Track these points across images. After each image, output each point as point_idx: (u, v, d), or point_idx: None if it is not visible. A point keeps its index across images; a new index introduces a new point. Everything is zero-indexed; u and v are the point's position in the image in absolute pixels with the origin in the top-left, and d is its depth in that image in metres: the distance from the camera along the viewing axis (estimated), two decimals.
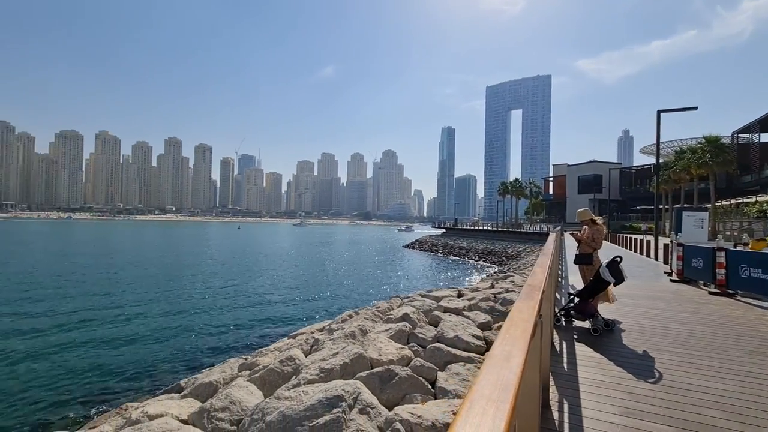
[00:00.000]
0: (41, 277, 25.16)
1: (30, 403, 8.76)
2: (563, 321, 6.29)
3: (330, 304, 20.02)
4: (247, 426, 4.26)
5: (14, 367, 10.64)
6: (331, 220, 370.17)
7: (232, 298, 20.43)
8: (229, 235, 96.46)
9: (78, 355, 11.75)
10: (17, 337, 13.10)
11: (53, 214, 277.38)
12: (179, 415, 5.01)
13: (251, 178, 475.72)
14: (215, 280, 26.03)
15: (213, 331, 14.65)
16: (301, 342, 8.17)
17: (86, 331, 14.01)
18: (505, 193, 76.27)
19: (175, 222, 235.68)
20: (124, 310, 17.36)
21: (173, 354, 12.18)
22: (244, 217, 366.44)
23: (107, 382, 10.02)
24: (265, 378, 6.00)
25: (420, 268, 37.06)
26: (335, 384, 4.60)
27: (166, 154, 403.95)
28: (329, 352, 6.36)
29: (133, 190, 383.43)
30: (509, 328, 1.34)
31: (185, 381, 8.80)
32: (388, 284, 26.47)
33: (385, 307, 10.35)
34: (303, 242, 72.92)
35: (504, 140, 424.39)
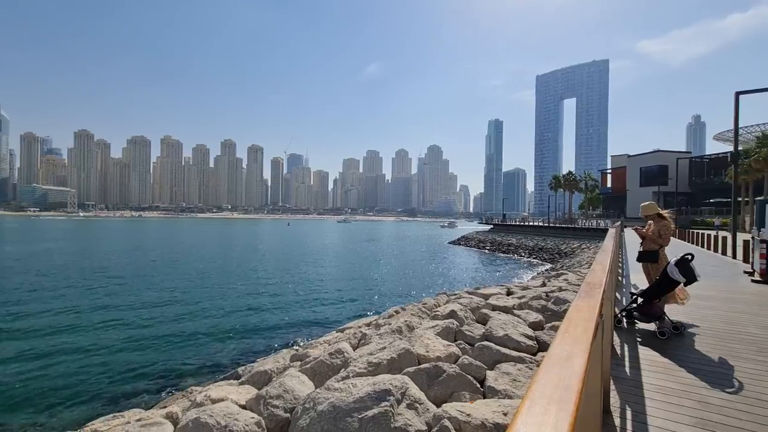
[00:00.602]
0: (119, 270, 27.91)
1: (110, 382, 9.76)
2: (624, 322, 5.88)
3: (376, 299, 20.26)
4: (299, 414, 4.43)
5: (99, 349, 11.90)
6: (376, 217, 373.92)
7: (283, 292, 21.34)
8: (279, 231, 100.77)
9: (150, 341, 12.89)
10: (100, 321, 14.64)
11: (126, 213, 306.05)
12: (238, 400, 5.32)
13: (299, 176, 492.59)
14: (268, 275, 27.34)
15: (266, 322, 15.41)
16: (349, 336, 8.35)
17: (156, 320, 15.33)
18: (558, 187, 72.52)
19: (231, 219, 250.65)
20: (189, 301, 18.77)
21: (231, 343, 12.98)
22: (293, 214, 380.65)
23: (175, 367, 10.90)
24: (315, 369, 6.21)
25: (466, 264, 36.39)
26: (383, 378, 4.65)
27: (222, 156, 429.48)
28: (376, 346, 6.44)
29: (194, 189, 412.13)
30: (568, 327, 1.27)
31: (242, 369, 9.36)
32: (434, 281, 26.27)
33: (431, 304, 10.29)
34: (349, 238, 74.40)
35: (556, 131, 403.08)
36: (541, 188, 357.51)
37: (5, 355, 11.18)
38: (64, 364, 10.69)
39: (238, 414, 4.58)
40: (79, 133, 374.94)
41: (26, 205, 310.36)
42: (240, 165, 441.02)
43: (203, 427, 4.36)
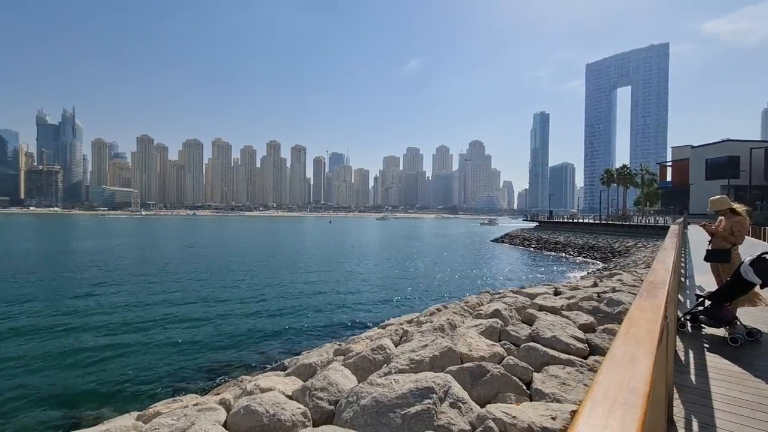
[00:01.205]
0: (178, 266, 30.01)
1: (171, 369, 10.51)
2: (689, 327, 5.42)
3: (416, 297, 20.20)
4: (343, 407, 4.52)
5: (160, 338, 12.87)
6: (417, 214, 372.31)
7: (326, 288, 21.86)
8: (321, 228, 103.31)
9: (204, 332, 13.74)
10: (162, 314, 15.80)
11: (182, 212, 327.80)
12: (285, 390, 5.53)
13: (340, 174, 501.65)
14: (311, 271, 28.13)
15: (310, 317, 15.87)
16: (391, 332, 8.39)
17: (210, 313, 16.30)
18: (610, 182, 68.27)
19: (276, 217, 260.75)
20: (239, 296, 19.76)
21: (277, 336, 13.52)
22: (334, 212, 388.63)
23: (226, 357, 11.54)
24: (358, 364, 6.30)
25: (510, 262, 35.30)
26: (425, 375, 4.62)
27: (267, 156, 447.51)
28: (418, 344, 6.41)
29: (242, 189, 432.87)
30: (630, 328, 1.18)
31: (288, 361, 9.71)
32: (476, 279, 25.73)
33: (474, 302, 10.09)
34: (388, 236, 74.73)
35: (608, 123, 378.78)
36: (591, 183, 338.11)
37: (84, 341, 12.39)
38: (131, 351, 11.67)
39: (285, 404, 4.75)
40: (140, 137, 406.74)
41: (97, 204, 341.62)
42: (284, 165, 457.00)
43: (253, 414, 4.57)
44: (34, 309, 16.01)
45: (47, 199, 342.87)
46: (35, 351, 11.44)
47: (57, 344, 12.02)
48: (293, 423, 4.51)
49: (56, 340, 12.38)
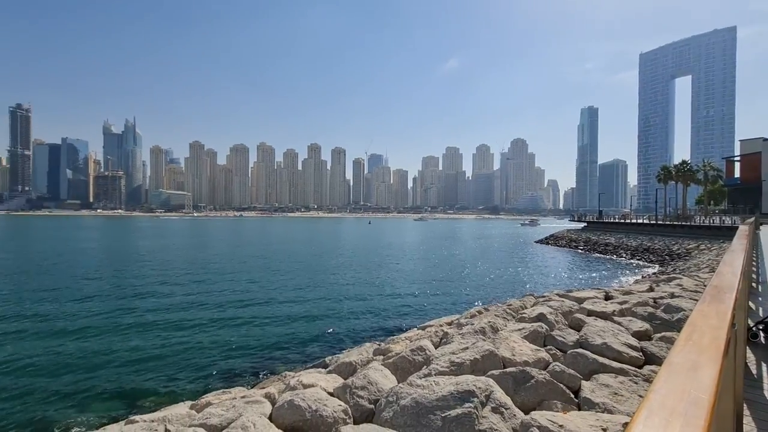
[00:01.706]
0: (227, 264, 31.65)
1: (221, 362, 11.10)
2: (762, 337, 4.93)
3: (456, 298, 19.90)
4: (383, 406, 4.54)
5: (212, 332, 13.62)
6: (456, 215, 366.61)
7: (365, 288, 22.10)
8: (361, 229, 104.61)
9: (250, 329, 14.37)
10: (214, 310, 16.73)
11: (230, 213, 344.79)
12: (326, 387, 5.65)
13: (379, 175, 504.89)
14: (351, 270, 28.56)
15: (350, 316, 16.12)
16: (431, 334, 8.32)
17: (255, 311, 17.03)
18: (668, 179, 63.44)
19: (317, 218, 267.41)
20: (282, 294, 20.48)
21: (319, 334, 13.85)
22: (373, 212, 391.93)
23: (271, 353, 11.99)
24: (397, 364, 6.31)
25: (556, 265, 33.81)
26: (466, 379, 4.54)
27: (308, 159, 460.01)
28: (459, 346, 6.32)
29: (285, 190, 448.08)
30: (691, 335, 1.09)
31: (329, 359, 9.91)
32: (519, 281, 24.91)
33: (517, 306, 9.77)
34: (428, 236, 74.20)
35: (665, 116, 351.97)
36: (646, 181, 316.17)
37: (144, 336, 13.40)
38: (185, 346, 12.45)
39: (326, 400, 4.86)
40: (193, 144, 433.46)
41: (155, 207, 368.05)
42: (325, 167, 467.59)
43: (297, 408, 4.72)
44: (99, 306, 17.51)
45: (112, 202, 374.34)
46: (100, 344, 12.53)
47: (119, 339, 13.09)
48: (334, 419, 4.60)
49: (118, 335, 13.47)
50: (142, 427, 5.03)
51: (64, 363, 10.79)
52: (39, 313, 15.70)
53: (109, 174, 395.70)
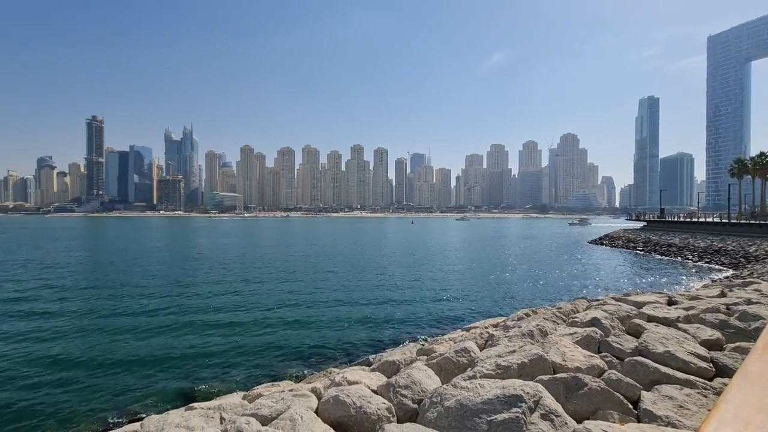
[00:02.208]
0: (274, 262, 33.02)
1: (270, 356, 11.61)
2: None
3: (501, 300, 19.33)
4: (427, 407, 4.52)
5: (258, 330, 14.29)
6: (502, 214, 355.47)
7: (409, 287, 22.08)
8: (404, 229, 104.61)
9: (297, 325, 14.89)
10: (260, 307, 17.53)
11: (277, 213, 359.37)
12: (370, 385, 5.71)
13: (422, 175, 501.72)
14: (395, 270, 28.67)
15: (393, 315, 16.19)
16: (475, 336, 8.15)
17: (302, 308, 17.61)
18: (742, 173, 57.40)
19: (360, 218, 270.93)
20: (327, 292, 21.00)
21: (362, 332, 14.05)
22: (416, 212, 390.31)
23: (316, 349, 12.34)
24: (441, 365, 6.24)
25: (611, 267, 31.76)
26: (513, 383, 4.40)
27: (351, 160, 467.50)
28: (505, 349, 6.13)
29: (329, 191, 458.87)
30: None
31: (373, 357, 10.03)
32: (570, 284, 23.70)
33: (568, 309, 9.30)
34: (472, 236, 72.66)
35: (739, 103, 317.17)
36: (716, 176, 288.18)
37: (200, 330, 14.34)
38: (238, 341, 13.16)
39: (370, 398, 4.92)
40: (243, 148, 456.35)
41: (209, 208, 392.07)
42: (367, 167, 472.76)
43: (342, 404, 4.82)
44: (161, 303, 18.95)
45: (172, 204, 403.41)
46: (162, 338, 13.56)
47: (179, 333, 14.10)
48: (378, 417, 4.64)
49: (178, 330, 14.50)
50: (200, 414, 5.37)
51: (133, 354, 11.82)
52: (110, 308, 17.33)
53: (169, 178, 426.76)
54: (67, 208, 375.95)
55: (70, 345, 12.31)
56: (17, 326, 14.23)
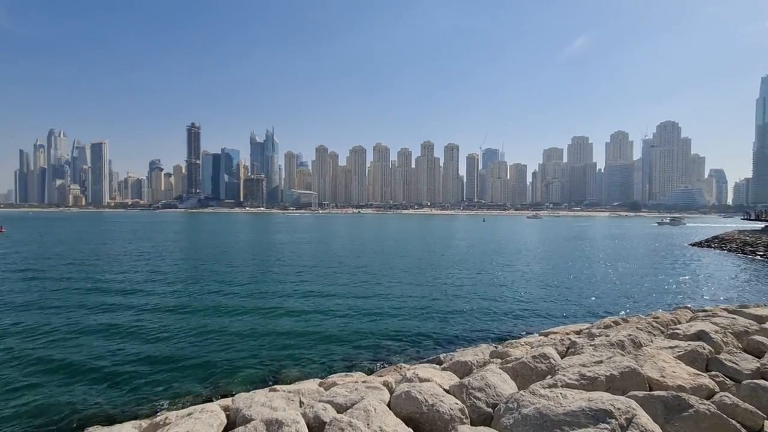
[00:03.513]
0: (349, 258, 34.33)
1: (345, 347, 12.11)
2: None
3: (584, 305, 17.83)
4: (502, 412, 4.34)
5: (332, 322, 14.95)
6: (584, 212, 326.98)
7: (481, 286, 21.42)
8: (475, 226, 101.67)
9: (368, 319, 15.30)
10: (334, 300, 18.34)
11: (349, 210, 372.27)
12: (442, 384, 5.66)
13: (495, 171, 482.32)
14: (467, 268, 28.01)
15: (464, 314, 15.83)
16: (555, 342, 7.62)
17: (373, 302, 18.05)
18: None
19: (429, 215, 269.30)
20: (400, 288, 21.26)
21: (432, 329, 13.96)
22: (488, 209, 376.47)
23: (386, 343, 12.56)
24: (517, 370, 5.96)
25: (720, 273, 27.52)
26: (601, 396, 4.03)
27: (421, 157, 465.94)
28: (590, 358, 5.65)
29: (399, 188, 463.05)
30: None
31: (444, 356, 9.91)
32: (668, 291, 21.06)
33: (666, 319, 8.26)
34: (549, 235, 68.02)
35: None
36: None
37: (283, 318, 15.43)
38: (315, 331, 13.94)
39: (443, 396, 4.87)
40: (318, 147, 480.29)
41: (288, 205, 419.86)
42: (437, 164, 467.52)
43: (413, 400, 4.84)
44: (248, 291, 20.71)
45: (256, 201, 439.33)
46: (248, 324, 14.85)
47: (262, 320, 15.32)
48: (451, 417, 4.57)
49: (261, 318, 15.74)
50: (282, 396, 5.78)
51: (223, 337, 13.14)
52: (205, 294, 19.44)
53: (254, 177, 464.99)
54: (171, 205, 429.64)
55: (169, 326, 14.09)
56: (133, 307, 16.68)
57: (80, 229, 76.15)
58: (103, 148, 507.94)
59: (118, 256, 33.97)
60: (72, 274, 23.96)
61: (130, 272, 25.06)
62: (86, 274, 23.98)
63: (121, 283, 21.14)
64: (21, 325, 13.77)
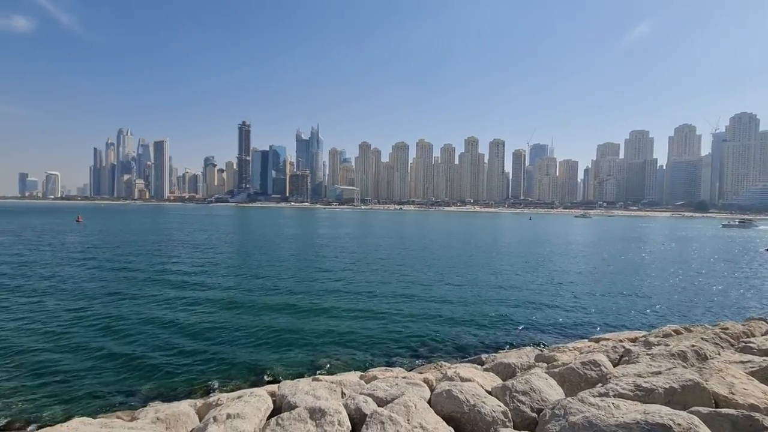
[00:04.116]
0: (391, 254, 34.55)
1: (386, 342, 12.23)
2: None
3: (640, 311, 16.66)
4: (548, 418, 4.18)
5: (370, 317, 15.14)
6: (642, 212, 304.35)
7: (525, 287, 20.69)
8: (520, 225, 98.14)
9: (407, 315, 15.32)
10: (373, 297, 18.54)
11: (391, 206, 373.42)
12: (484, 384, 5.55)
13: (543, 167, 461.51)
14: (511, 268, 27.17)
15: (508, 315, 15.38)
16: (607, 349, 7.20)
17: (413, 299, 18.03)
18: None
19: (472, 212, 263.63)
20: (436, 287, 21.08)
21: (474, 329, 13.71)
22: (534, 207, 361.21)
23: (426, 340, 12.52)
24: (564, 375, 5.71)
25: None
26: (659, 410, 3.76)
27: (465, 153, 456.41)
28: (646, 368, 5.28)
29: (441, 185, 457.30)
30: None
31: (486, 357, 9.71)
32: (738, 300, 19.15)
33: (738, 331, 7.52)
34: (602, 236, 64.03)
35: None
36: None
37: (325, 313, 15.88)
38: (353, 323, 14.20)
39: (485, 398, 4.77)
40: (361, 144, 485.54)
41: (331, 200, 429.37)
42: (482, 160, 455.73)
43: (455, 399, 4.79)
44: (291, 284, 21.45)
45: (301, 196, 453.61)
46: (291, 313, 15.40)
47: (308, 314, 15.82)
48: (493, 419, 4.48)
49: (306, 311, 16.26)
50: (325, 386, 5.95)
51: (269, 326, 13.75)
52: (252, 286, 20.41)
53: (299, 173, 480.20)
54: (223, 199, 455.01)
55: (220, 316, 14.97)
56: (189, 296, 17.90)
57: (144, 221, 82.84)
58: (164, 146, 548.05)
59: (177, 247, 36.57)
60: (136, 264, 26.18)
61: (187, 263, 26.90)
62: (148, 264, 26.09)
63: (178, 274, 22.74)
64: (91, 309, 15.28)
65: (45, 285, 19.08)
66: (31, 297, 16.77)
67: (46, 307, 15.14)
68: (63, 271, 22.61)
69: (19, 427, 7.39)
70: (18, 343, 11.47)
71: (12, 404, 8.14)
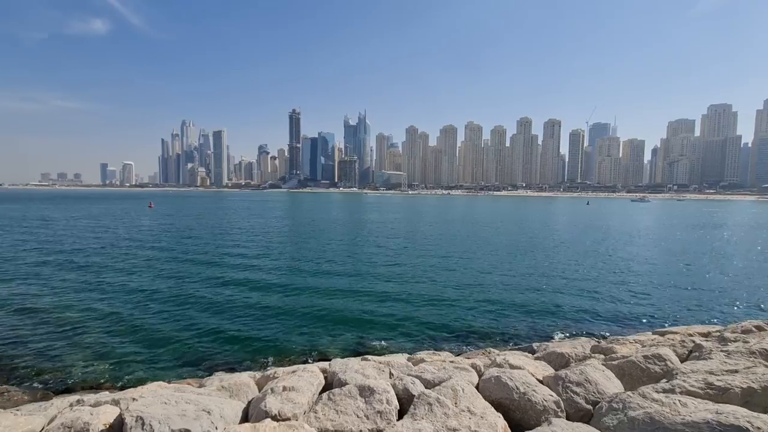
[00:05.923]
0: (441, 239, 34.37)
1: (434, 326, 12.31)
2: None
3: (711, 303, 15.24)
4: (605, 411, 4.00)
5: (418, 301, 15.22)
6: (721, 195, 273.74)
7: (582, 275, 19.69)
8: (577, 210, 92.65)
9: (453, 301, 15.22)
10: (421, 282, 18.59)
11: (438, 191, 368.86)
12: (534, 373, 5.41)
13: (604, 148, 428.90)
14: (568, 255, 25.93)
15: (562, 303, 14.77)
16: (674, 343, 6.69)
17: (460, 285, 17.85)
18: None
19: (524, 197, 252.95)
20: (487, 275, 20.67)
21: (526, 316, 13.35)
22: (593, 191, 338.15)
23: (475, 326, 12.40)
24: (623, 368, 5.41)
25: None
26: (734, 411, 3.45)
27: (517, 134, 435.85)
28: (721, 365, 4.84)
29: (491, 169, 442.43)
30: None
31: (537, 345, 9.44)
32: None
33: None
34: (672, 222, 58.64)
35: None
36: None
37: (376, 296, 16.23)
38: (402, 304, 14.39)
39: (536, 386, 4.66)
40: (408, 128, 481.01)
41: (378, 185, 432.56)
42: (535, 142, 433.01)
43: (504, 386, 4.72)
44: (341, 269, 22.04)
45: (349, 182, 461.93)
46: (343, 295, 15.90)
47: (357, 294, 16.26)
48: (544, 408, 4.37)
49: (353, 294, 16.69)
50: (374, 366, 6.13)
51: (322, 307, 14.33)
52: (306, 269, 21.28)
53: (347, 159, 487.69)
54: (276, 185, 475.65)
55: (275, 297, 15.84)
56: (247, 279, 19.10)
57: (207, 206, 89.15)
58: (222, 136, 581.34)
59: (236, 231, 39.02)
60: (202, 247, 28.35)
61: (244, 246, 28.65)
62: (213, 247, 28.17)
63: (239, 257, 24.28)
64: (165, 289, 16.85)
65: (128, 264, 21.35)
66: (118, 274, 18.87)
67: (129, 286, 16.95)
68: (141, 253, 25.10)
69: (109, 386, 8.45)
70: (108, 314, 13.01)
71: (103, 367, 9.32)
